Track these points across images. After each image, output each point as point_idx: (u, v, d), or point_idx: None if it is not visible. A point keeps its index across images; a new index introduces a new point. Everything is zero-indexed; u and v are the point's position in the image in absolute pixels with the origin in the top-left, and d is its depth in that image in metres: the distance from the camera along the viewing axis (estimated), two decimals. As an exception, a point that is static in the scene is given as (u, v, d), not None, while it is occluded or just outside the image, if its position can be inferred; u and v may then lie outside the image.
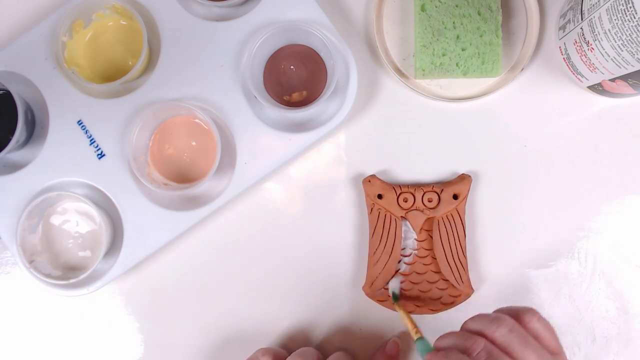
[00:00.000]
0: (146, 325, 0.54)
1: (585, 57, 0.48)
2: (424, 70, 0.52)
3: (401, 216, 0.52)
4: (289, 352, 0.50)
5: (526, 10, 0.54)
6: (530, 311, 0.41)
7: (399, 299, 0.51)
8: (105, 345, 0.54)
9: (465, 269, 0.52)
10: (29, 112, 0.51)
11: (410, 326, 0.46)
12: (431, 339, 0.43)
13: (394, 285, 0.51)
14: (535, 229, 0.53)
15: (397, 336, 0.53)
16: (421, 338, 0.44)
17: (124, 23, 0.52)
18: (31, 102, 0.52)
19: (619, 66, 0.44)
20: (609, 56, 0.44)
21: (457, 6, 0.52)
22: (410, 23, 0.54)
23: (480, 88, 0.53)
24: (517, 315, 0.41)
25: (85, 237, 0.52)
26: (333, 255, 0.54)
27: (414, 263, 0.52)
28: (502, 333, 0.38)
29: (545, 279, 0.53)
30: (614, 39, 0.42)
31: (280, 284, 0.54)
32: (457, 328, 0.42)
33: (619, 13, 0.40)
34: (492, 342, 0.38)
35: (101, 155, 0.51)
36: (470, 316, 0.42)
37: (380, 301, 0.52)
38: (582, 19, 0.46)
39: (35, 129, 0.52)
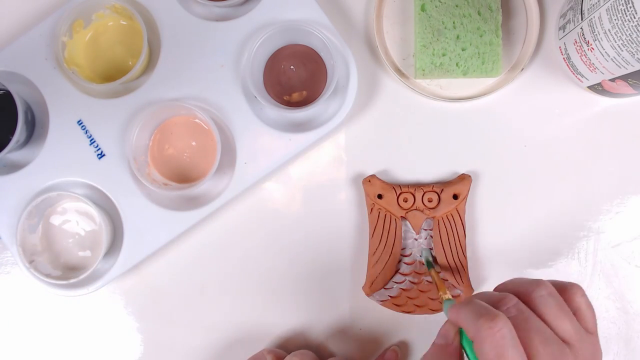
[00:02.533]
0: (146, 325, 0.54)
1: (585, 57, 0.48)
2: (424, 70, 0.52)
3: (401, 216, 0.52)
4: (289, 352, 0.50)
5: (526, 10, 0.54)
6: (575, 286, 0.37)
7: (433, 265, 0.50)
8: (105, 345, 0.54)
9: (465, 269, 0.52)
10: (29, 112, 0.51)
11: (441, 289, 0.45)
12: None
13: (426, 254, 0.51)
14: (535, 229, 0.53)
15: (397, 344, 0.53)
16: (450, 299, 0.42)
17: (124, 23, 0.52)
18: (31, 102, 0.52)
19: (619, 66, 0.44)
20: (609, 56, 0.44)
21: (457, 6, 0.52)
22: (410, 23, 0.54)
23: (480, 88, 0.53)
24: (560, 287, 0.37)
25: (85, 237, 0.52)
26: (333, 255, 0.54)
27: (414, 263, 0.52)
28: (539, 294, 0.35)
29: (545, 279, 0.53)
30: (614, 39, 0.42)
31: (280, 283, 0.54)
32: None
33: (619, 13, 0.40)
34: (527, 302, 0.35)
35: (101, 155, 0.51)
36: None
37: (380, 301, 0.52)
38: (582, 19, 0.46)
39: (35, 129, 0.52)
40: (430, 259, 0.51)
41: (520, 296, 0.36)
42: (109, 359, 0.54)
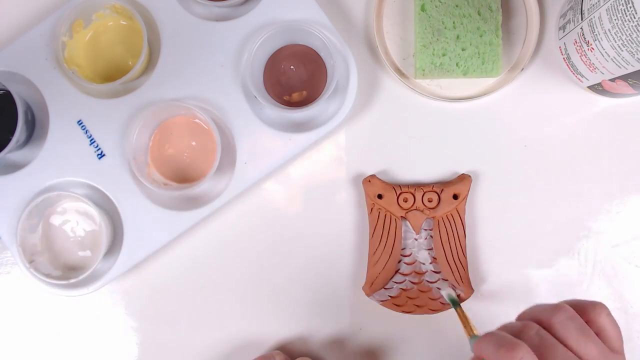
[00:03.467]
0: (146, 325, 0.54)
1: (585, 57, 0.48)
2: (424, 70, 0.52)
3: (401, 216, 0.52)
4: (288, 353, 0.50)
5: (526, 10, 0.54)
6: (599, 306, 0.36)
7: (458, 303, 0.49)
8: (105, 345, 0.54)
9: (465, 269, 0.52)
10: (29, 112, 0.51)
11: (467, 328, 0.44)
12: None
13: (449, 292, 0.51)
14: (535, 229, 0.53)
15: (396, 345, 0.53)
16: (476, 336, 0.42)
17: (124, 23, 0.52)
18: (31, 102, 0.52)
19: (619, 66, 0.44)
20: (609, 56, 0.44)
21: (457, 6, 0.52)
22: (410, 23, 0.54)
23: (480, 88, 0.53)
24: (582, 308, 0.36)
25: (85, 237, 0.52)
26: (333, 255, 0.54)
27: (414, 263, 0.52)
28: (559, 319, 0.34)
29: (545, 279, 0.53)
30: (614, 39, 0.42)
31: (280, 283, 0.54)
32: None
33: (619, 13, 0.40)
34: (548, 329, 0.34)
35: (101, 155, 0.51)
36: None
37: (380, 301, 0.52)
38: (582, 19, 0.46)
39: (35, 129, 0.52)
40: (456, 298, 0.50)
41: (541, 323, 0.35)
42: (108, 358, 0.54)
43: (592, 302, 0.36)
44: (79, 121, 0.51)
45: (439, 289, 0.51)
